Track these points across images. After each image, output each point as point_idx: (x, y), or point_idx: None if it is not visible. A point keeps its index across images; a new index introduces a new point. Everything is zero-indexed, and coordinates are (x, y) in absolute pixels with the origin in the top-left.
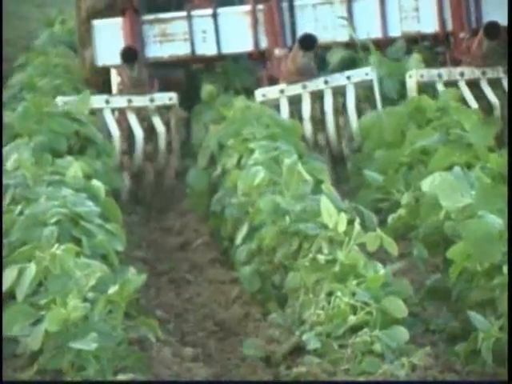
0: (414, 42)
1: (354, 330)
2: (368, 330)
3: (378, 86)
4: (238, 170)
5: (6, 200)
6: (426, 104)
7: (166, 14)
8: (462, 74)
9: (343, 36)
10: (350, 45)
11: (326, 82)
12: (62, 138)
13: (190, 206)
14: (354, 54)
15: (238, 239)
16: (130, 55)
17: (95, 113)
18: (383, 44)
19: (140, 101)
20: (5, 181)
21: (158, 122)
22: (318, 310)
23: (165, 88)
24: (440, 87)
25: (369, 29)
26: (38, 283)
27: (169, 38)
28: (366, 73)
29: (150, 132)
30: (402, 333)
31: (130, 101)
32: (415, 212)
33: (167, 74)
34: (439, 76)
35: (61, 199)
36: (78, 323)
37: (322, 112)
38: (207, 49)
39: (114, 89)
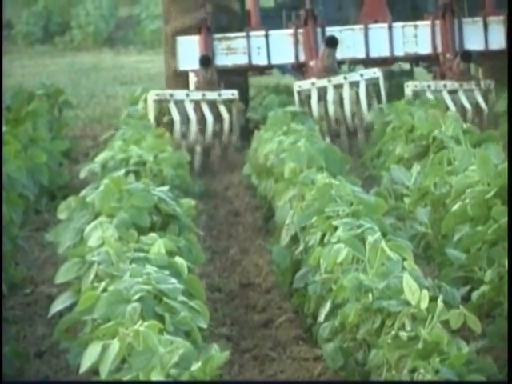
0: (416, 63)
1: None
2: None
3: (383, 82)
4: (320, 248)
5: (90, 276)
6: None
7: (230, 33)
8: (445, 86)
9: (361, 54)
10: (365, 61)
11: (345, 78)
12: (144, 213)
13: (274, 283)
14: None
15: (321, 316)
16: (206, 61)
17: (178, 103)
18: (390, 61)
19: (211, 95)
20: (89, 257)
21: (223, 111)
22: None
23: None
24: (428, 94)
25: (380, 49)
26: (121, 359)
27: (232, 51)
28: (374, 72)
29: (217, 118)
30: None
31: (203, 95)
32: (499, 289)
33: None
34: (428, 86)
35: (144, 276)
36: None
37: (341, 98)
38: (260, 60)
39: (192, 86)
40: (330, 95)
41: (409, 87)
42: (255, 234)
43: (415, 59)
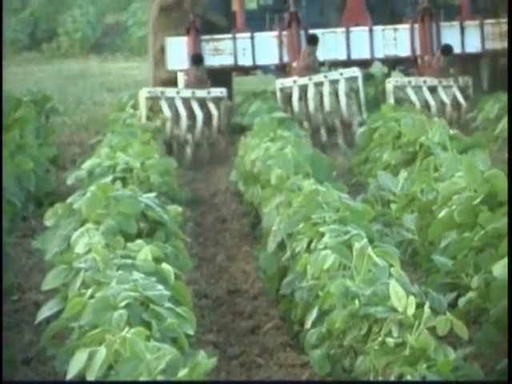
0: (392, 67)
1: None
2: None
3: (361, 81)
4: (307, 254)
5: (77, 283)
6: (498, 187)
7: (217, 35)
8: (424, 82)
9: (342, 56)
10: (347, 63)
11: (325, 76)
12: (131, 220)
13: (261, 290)
14: None
15: (308, 323)
16: (198, 59)
17: (169, 100)
18: (370, 63)
19: (201, 93)
20: (76, 264)
21: (212, 108)
22: None
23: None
24: (409, 90)
25: (361, 51)
26: (108, 366)
27: (219, 52)
28: (353, 71)
29: (206, 114)
30: None
31: (193, 92)
32: (485, 296)
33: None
34: (409, 82)
35: (131, 283)
36: None
37: (321, 96)
38: (246, 61)
39: (181, 84)
40: (311, 92)
41: (390, 83)
42: (242, 241)
43: (394, 61)
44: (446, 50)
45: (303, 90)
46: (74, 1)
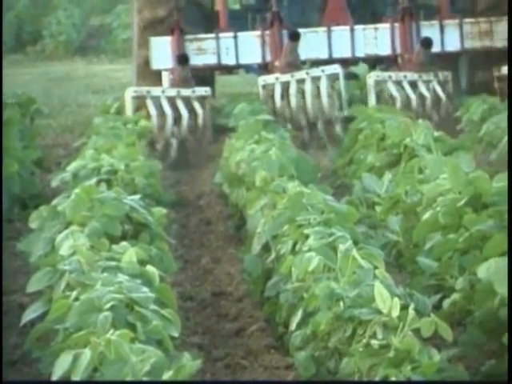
0: (373, 66)
1: None
2: None
3: (343, 78)
4: (292, 256)
5: (62, 285)
6: (483, 189)
7: (201, 34)
8: (405, 76)
9: (324, 54)
10: (328, 61)
11: (307, 73)
12: (116, 222)
13: (246, 292)
14: None
15: (293, 325)
16: (184, 59)
17: (155, 99)
18: (351, 62)
19: (186, 92)
20: (60, 266)
21: (197, 106)
22: None
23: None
24: (390, 84)
25: (342, 50)
26: (93, 369)
27: (202, 52)
28: (335, 68)
29: (191, 113)
30: None
31: (178, 92)
32: (470, 297)
33: None
34: (389, 77)
35: (116, 285)
36: None
37: (303, 92)
38: (229, 60)
39: (165, 84)
40: (293, 89)
41: (371, 78)
42: (227, 243)
43: (375, 60)
44: (426, 42)
45: (285, 86)
46: (59, 3)
